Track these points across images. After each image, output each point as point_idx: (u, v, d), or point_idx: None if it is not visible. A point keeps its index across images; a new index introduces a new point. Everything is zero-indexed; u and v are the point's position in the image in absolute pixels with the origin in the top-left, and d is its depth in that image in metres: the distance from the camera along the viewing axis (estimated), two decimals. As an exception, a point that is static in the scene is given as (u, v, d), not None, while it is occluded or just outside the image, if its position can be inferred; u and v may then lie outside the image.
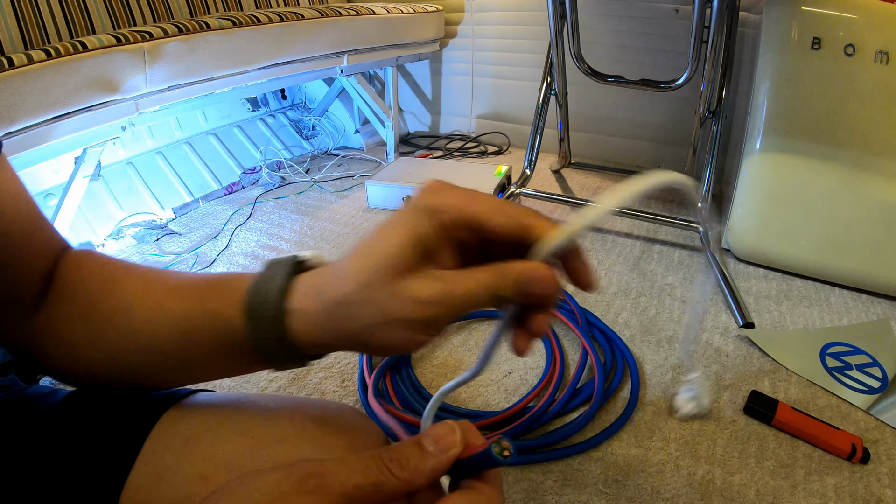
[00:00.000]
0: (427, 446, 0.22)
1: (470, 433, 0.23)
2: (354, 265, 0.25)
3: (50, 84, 0.84)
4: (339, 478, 0.20)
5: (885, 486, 0.62)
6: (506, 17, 1.70)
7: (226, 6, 1.43)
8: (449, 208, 0.24)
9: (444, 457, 0.22)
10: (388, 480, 0.21)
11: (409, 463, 0.21)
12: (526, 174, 1.33)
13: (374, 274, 0.25)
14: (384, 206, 1.39)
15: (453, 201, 0.25)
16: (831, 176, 1.00)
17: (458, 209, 0.24)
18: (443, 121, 1.99)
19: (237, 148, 1.63)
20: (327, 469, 0.20)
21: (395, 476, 0.21)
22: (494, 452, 0.21)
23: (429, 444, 0.22)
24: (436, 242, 0.25)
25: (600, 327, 0.88)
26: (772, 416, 0.70)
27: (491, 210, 0.24)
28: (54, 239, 0.34)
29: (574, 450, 0.67)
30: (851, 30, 0.96)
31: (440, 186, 0.25)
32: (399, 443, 0.23)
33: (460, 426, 0.23)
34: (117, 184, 1.33)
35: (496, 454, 0.21)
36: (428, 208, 0.25)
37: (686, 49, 1.10)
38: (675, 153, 1.56)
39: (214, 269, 1.12)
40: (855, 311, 0.96)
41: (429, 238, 0.24)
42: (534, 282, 0.24)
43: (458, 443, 0.22)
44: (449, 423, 0.23)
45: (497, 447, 0.22)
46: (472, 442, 0.23)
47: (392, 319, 0.25)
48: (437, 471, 0.22)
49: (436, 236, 0.24)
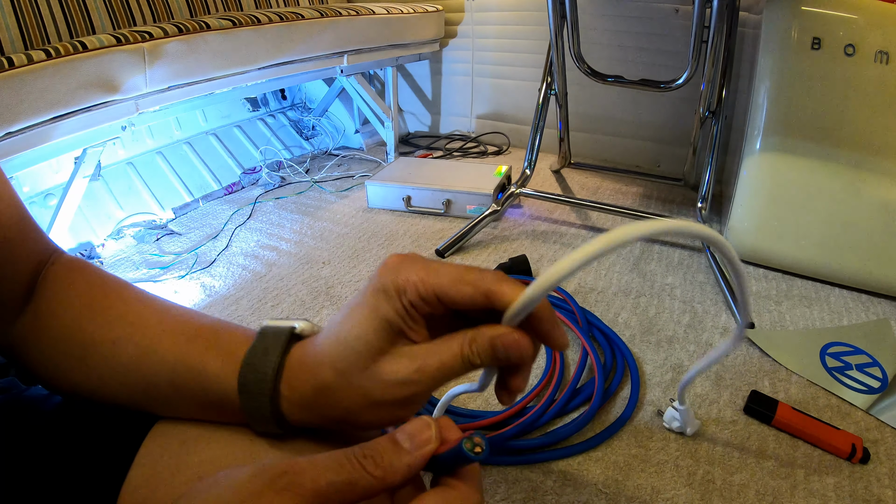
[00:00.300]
0: (402, 442, 0.22)
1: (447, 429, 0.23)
2: (329, 353, 0.26)
3: (50, 84, 0.84)
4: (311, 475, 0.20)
5: (885, 487, 0.62)
6: (506, 17, 1.70)
7: (226, 6, 1.43)
8: (410, 286, 0.24)
9: (419, 453, 0.22)
10: (361, 478, 0.21)
11: (383, 460, 0.21)
12: (526, 174, 1.33)
13: (347, 363, 0.25)
14: (384, 206, 1.39)
15: (414, 278, 0.25)
16: (831, 176, 1.00)
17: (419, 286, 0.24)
18: (443, 121, 1.99)
19: (237, 148, 1.63)
20: (299, 467, 0.20)
21: (370, 473, 0.21)
22: (466, 448, 0.21)
23: (404, 440, 0.22)
24: (402, 321, 0.25)
25: (600, 327, 0.88)
26: (772, 416, 0.70)
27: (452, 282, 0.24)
28: (42, 243, 0.33)
29: (574, 450, 0.67)
30: (851, 30, 0.96)
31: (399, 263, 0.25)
32: (374, 439, 0.22)
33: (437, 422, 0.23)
34: (117, 184, 1.33)
35: (467, 450, 0.21)
36: (389, 289, 0.25)
37: (686, 49, 1.10)
38: (675, 153, 1.56)
39: (215, 268, 1.12)
40: (855, 311, 0.96)
41: (394, 319, 0.25)
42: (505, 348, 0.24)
43: (434, 439, 0.22)
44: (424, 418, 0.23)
45: (469, 443, 0.21)
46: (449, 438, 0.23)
47: (373, 402, 0.25)
48: (412, 467, 0.22)
49: (400, 316, 0.25)
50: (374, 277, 0.26)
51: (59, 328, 0.30)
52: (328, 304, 1.00)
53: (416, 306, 0.25)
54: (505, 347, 0.24)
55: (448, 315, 0.26)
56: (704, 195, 1.17)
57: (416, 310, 0.25)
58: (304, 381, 0.26)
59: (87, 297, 0.31)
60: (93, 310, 0.30)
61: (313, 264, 1.13)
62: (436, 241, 1.21)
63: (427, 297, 0.24)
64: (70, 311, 0.31)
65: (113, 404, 0.31)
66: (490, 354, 0.24)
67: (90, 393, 0.31)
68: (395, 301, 0.25)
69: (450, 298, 0.24)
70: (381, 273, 0.25)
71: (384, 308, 0.25)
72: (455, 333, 0.25)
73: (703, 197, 1.17)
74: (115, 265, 1.14)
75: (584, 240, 1.20)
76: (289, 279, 1.08)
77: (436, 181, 1.35)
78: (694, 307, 0.96)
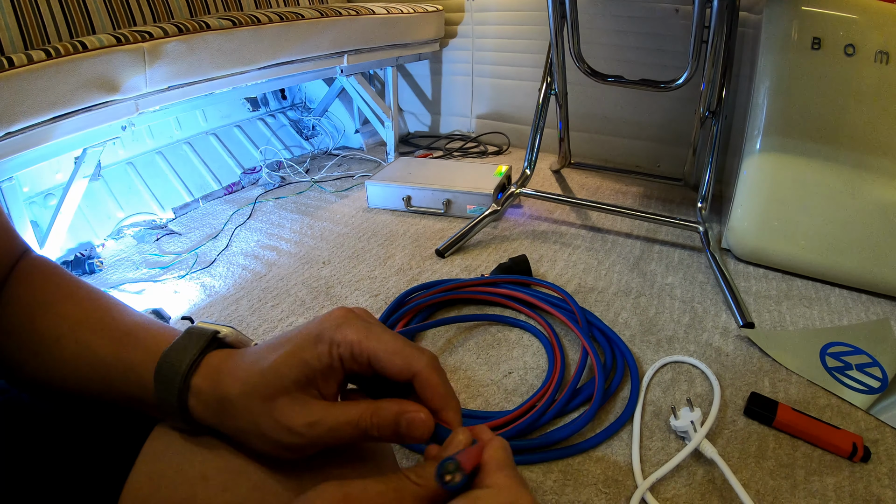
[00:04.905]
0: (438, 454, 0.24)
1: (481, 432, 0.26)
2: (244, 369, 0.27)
3: (50, 84, 0.84)
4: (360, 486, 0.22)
5: (885, 487, 0.62)
6: (506, 17, 1.70)
7: (226, 6, 1.43)
8: (346, 343, 0.26)
9: None
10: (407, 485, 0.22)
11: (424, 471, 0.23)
12: (526, 174, 1.33)
13: (252, 385, 0.26)
14: (384, 205, 1.39)
15: (352, 337, 0.26)
16: (831, 176, 1.00)
17: (354, 346, 0.26)
18: (443, 121, 1.99)
19: (237, 148, 1.63)
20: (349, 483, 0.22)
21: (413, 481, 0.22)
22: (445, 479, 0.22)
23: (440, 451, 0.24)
24: (321, 370, 0.26)
25: (600, 327, 0.88)
26: (772, 417, 0.70)
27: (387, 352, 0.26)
28: (16, 242, 0.34)
29: (574, 450, 0.67)
30: (851, 30, 0.96)
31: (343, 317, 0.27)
32: None
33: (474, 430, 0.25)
34: (117, 184, 1.33)
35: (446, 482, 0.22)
36: (324, 338, 0.26)
37: (686, 49, 1.10)
38: (675, 153, 1.56)
39: (215, 268, 1.12)
40: (855, 311, 0.96)
41: (312, 364, 0.26)
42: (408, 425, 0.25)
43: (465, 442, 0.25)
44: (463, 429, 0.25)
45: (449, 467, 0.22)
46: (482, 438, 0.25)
47: (262, 434, 0.26)
48: None
49: (321, 366, 0.26)
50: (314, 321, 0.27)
51: (15, 323, 0.32)
52: (328, 303, 1.00)
53: (344, 362, 0.26)
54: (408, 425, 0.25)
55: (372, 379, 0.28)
56: (704, 195, 1.17)
57: (342, 364, 0.26)
58: (213, 384, 0.27)
59: (41, 294, 0.33)
60: (44, 306, 0.32)
61: (313, 264, 1.13)
62: (436, 241, 1.21)
63: (359, 358, 0.26)
64: (25, 308, 0.32)
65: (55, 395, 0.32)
66: (391, 430, 0.26)
67: (43, 385, 0.32)
68: (322, 350, 0.26)
69: (380, 366, 0.26)
70: (323, 321, 0.27)
71: (308, 352, 0.26)
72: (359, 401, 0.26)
73: (703, 197, 1.17)
74: (115, 265, 1.14)
75: (584, 240, 1.20)
76: (289, 279, 1.08)
77: (436, 181, 1.35)
78: (694, 307, 0.96)
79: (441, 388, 0.26)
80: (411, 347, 0.26)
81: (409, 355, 0.26)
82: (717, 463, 0.63)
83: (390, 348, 0.26)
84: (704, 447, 0.65)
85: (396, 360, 0.26)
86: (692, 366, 0.81)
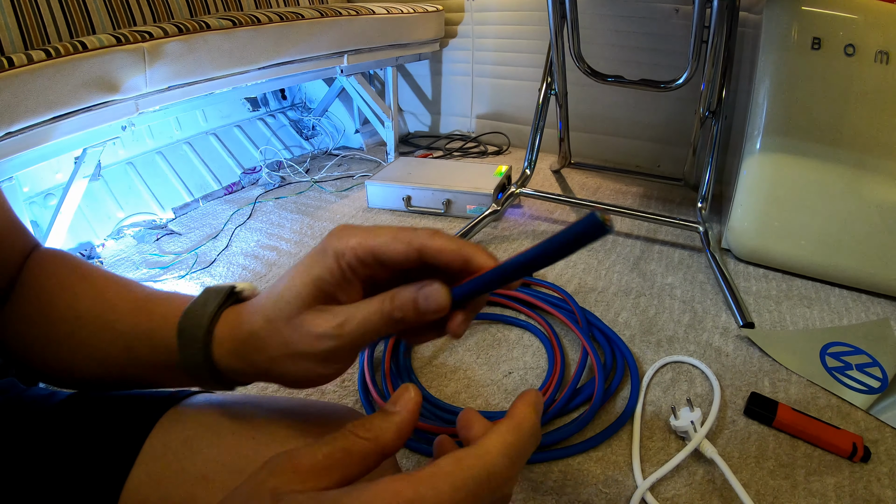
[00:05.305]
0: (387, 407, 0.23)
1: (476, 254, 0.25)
2: (263, 304, 0.27)
3: (50, 84, 0.84)
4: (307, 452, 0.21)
5: (885, 487, 0.62)
6: (506, 17, 1.70)
7: (226, 6, 1.43)
8: (349, 249, 0.26)
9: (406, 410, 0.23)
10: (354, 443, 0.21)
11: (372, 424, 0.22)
12: (526, 174, 1.33)
13: (275, 312, 0.26)
14: (384, 205, 1.39)
15: (353, 242, 0.26)
16: (831, 176, 1.00)
17: (356, 248, 0.26)
18: (443, 121, 1.99)
19: (237, 148, 1.63)
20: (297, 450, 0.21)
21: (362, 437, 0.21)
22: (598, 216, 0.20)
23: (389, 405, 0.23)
24: (335, 282, 0.26)
25: (600, 327, 0.88)
26: (772, 417, 0.70)
27: (387, 240, 0.26)
28: (27, 238, 0.35)
29: (574, 450, 0.67)
30: (851, 30, 0.96)
31: (342, 230, 0.27)
32: None
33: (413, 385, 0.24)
34: (117, 184, 1.33)
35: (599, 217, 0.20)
36: (328, 251, 0.26)
37: (686, 49, 1.10)
38: (675, 153, 1.56)
39: (215, 268, 1.12)
40: (855, 311, 0.96)
41: (325, 277, 0.26)
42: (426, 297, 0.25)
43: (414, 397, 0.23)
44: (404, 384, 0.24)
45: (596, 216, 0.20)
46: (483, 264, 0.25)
47: (294, 353, 0.26)
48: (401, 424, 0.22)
49: (332, 276, 0.26)
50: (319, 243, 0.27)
51: (31, 312, 0.32)
52: (328, 304, 1.00)
53: (354, 268, 0.26)
54: (425, 298, 0.25)
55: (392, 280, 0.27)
56: (704, 195, 1.17)
57: (353, 272, 0.26)
58: (235, 328, 0.28)
59: (56, 278, 0.33)
60: (60, 289, 0.32)
61: (313, 264, 1.13)
62: (436, 241, 1.20)
63: (364, 258, 0.26)
64: (41, 296, 0.32)
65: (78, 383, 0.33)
66: (412, 307, 0.25)
67: (59, 372, 0.32)
68: (330, 262, 0.26)
69: (386, 256, 0.25)
70: (326, 239, 0.27)
71: (318, 267, 0.26)
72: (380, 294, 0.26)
73: (703, 197, 1.17)
74: (116, 265, 1.14)
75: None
76: (289, 279, 1.07)
77: (436, 181, 1.35)
78: (694, 307, 0.96)
79: (450, 244, 0.25)
80: (409, 229, 0.26)
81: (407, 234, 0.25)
82: (717, 463, 0.63)
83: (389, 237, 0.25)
84: (704, 447, 0.65)
85: (397, 245, 0.25)
86: (692, 366, 0.81)
